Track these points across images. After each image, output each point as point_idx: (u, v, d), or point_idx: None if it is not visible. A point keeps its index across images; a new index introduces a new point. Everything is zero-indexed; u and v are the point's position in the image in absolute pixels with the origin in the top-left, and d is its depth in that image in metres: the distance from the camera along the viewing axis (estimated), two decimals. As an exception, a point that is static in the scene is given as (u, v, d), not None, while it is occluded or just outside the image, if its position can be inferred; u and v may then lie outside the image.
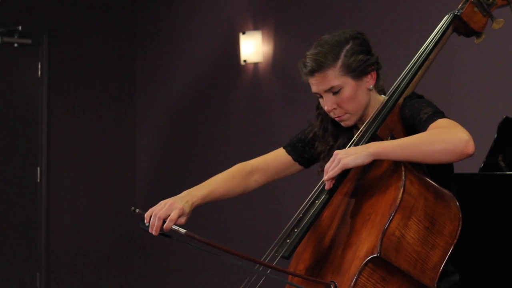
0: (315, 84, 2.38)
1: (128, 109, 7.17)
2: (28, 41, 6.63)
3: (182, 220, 2.37)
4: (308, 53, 2.39)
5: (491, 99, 4.81)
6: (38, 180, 6.72)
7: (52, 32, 6.76)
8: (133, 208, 2.38)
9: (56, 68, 6.78)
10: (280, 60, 6.08)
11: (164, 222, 2.32)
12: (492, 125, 3.87)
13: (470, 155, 2.14)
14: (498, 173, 3.68)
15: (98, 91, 7.01)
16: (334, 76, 2.35)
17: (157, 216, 2.32)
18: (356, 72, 2.35)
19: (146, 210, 2.37)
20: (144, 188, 7.15)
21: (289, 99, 6.00)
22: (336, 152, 2.20)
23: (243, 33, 6.23)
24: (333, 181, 2.23)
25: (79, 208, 6.85)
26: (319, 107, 2.51)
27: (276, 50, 6.12)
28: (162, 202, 2.38)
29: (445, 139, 2.13)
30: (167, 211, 2.34)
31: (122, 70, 7.15)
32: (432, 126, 2.20)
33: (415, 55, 2.44)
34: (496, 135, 3.78)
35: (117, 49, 7.12)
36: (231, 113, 6.44)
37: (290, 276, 2.32)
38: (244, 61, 6.25)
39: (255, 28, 6.22)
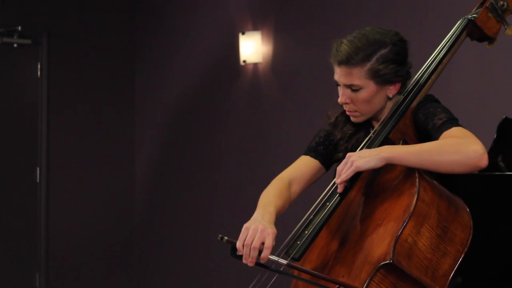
0: (338, 74, 2.35)
1: (127, 109, 7.16)
2: (28, 41, 6.62)
3: (273, 243, 2.21)
4: (345, 39, 2.35)
5: (491, 99, 4.81)
6: (38, 180, 6.71)
7: (51, 32, 6.75)
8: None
9: (56, 68, 6.78)
10: (280, 60, 6.08)
11: (259, 251, 2.17)
12: (492, 125, 3.87)
13: (483, 168, 2.13)
14: (497, 173, 3.68)
15: (98, 92, 7.01)
16: (358, 76, 2.32)
17: (252, 246, 2.15)
18: (381, 79, 2.33)
19: (228, 234, 2.19)
20: (144, 188, 7.15)
21: (289, 99, 6.00)
22: (349, 154, 2.20)
23: (243, 33, 6.23)
24: (345, 184, 2.22)
25: (78, 209, 6.85)
26: None
27: (275, 51, 6.12)
28: (251, 229, 2.19)
29: (460, 150, 2.13)
30: (261, 239, 2.17)
31: (122, 71, 7.15)
32: (446, 134, 2.20)
33: (428, 59, 2.43)
34: (495, 135, 3.77)
35: (117, 49, 7.11)
36: (230, 113, 6.44)
37: (296, 273, 2.31)
38: (244, 61, 6.25)
39: (255, 28, 6.21)
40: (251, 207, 7.03)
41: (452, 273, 2.16)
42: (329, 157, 2.52)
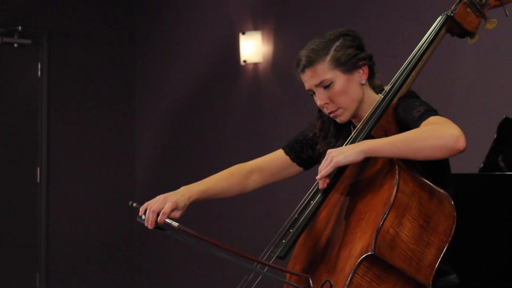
0: (307, 80, 2.41)
1: (128, 109, 7.17)
2: (28, 41, 6.63)
3: (177, 214, 2.41)
4: (300, 52, 2.43)
5: (491, 99, 4.81)
6: (38, 180, 6.72)
7: (52, 32, 6.76)
8: (130, 202, 2.43)
9: (56, 68, 6.79)
10: (280, 60, 6.08)
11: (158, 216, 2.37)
12: (492, 125, 3.87)
13: (462, 151, 2.14)
14: (498, 173, 3.68)
15: (98, 91, 7.01)
16: (323, 70, 2.37)
17: (151, 209, 2.37)
18: (346, 65, 2.37)
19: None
20: (144, 188, 7.15)
21: (289, 99, 6.00)
22: (329, 151, 2.21)
23: (243, 33, 6.23)
24: (327, 180, 2.23)
25: (79, 208, 6.85)
26: (321, 109, 2.52)
27: (276, 50, 6.12)
28: (157, 197, 2.41)
29: (436, 135, 2.14)
30: (161, 205, 2.38)
31: (122, 70, 7.15)
32: (424, 123, 2.21)
33: (410, 56, 2.45)
34: (496, 135, 3.78)
35: (117, 49, 7.12)
36: (231, 113, 6.44)
37: (287, 276, 2.35)
38: (244, 61, 6.26)
39: (255, 28, 6.22)
40: (251, 205, 7.00)
41: (437, 263, 2.16)
42: (306, 157, 2.57)
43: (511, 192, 3.39)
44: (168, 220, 2.35)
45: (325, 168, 2.19)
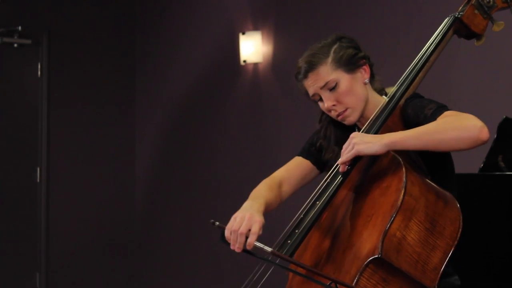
0: (311, 85, 2.41)
1: (128, 109, 7.17)
2: (28, 41, 6.63)
3: (260, 231, 2.27)
4: (298, 60, 2.44)
5: (491, 99, 4.81)
6: (38, 180, 6.72)
7: (52, 32, 6.76)
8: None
9: (56, 68, 6.78)
10: (280, 60, 6.08)
11: (246, 238, 2.23)
12: (492, 125, 3.87)
13: (485, 142, 2.13)
14: (497, 173, 3.68)
15: (98, 91, 7.01)
16: (326, 72, 2.37)
17: (239, 232, 2.22)
18: (348, 65, 2.38)
19: (225, 222, 2.25)
20: (144, 188, 7.15)
21: (289, 99, 6.00)
22: (352, 135, 2.21)
23: (243, 33, 6.23)
24: (347, 165, 2.23)
25: (79, 208, 6.85)
26: (321, 119, 2.53)
27: (275, 51, 6.12)
28: (238, 217, 2.27)
29: (459, 126, 2.14)
30: (248, 226, 2.24)
31: (122, 70, 7.15)
32: (441, 117, 2.21)
33: (417, 56, 2.45)
34: (496, 135, 3.78)
35: (117, 49, 7.11)
36: (230, 113, 6.44)
37: (291, 274, 2.35)
38: (244, 61, 6.25)
39: (255, 28, 6.22)
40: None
41: (443, 267, 2.16)
42: (321, 158, 2.55)
43: (511, 192, 3.39)
44: (258, 244, 2.17)
45: (346, 154, 2.19)
